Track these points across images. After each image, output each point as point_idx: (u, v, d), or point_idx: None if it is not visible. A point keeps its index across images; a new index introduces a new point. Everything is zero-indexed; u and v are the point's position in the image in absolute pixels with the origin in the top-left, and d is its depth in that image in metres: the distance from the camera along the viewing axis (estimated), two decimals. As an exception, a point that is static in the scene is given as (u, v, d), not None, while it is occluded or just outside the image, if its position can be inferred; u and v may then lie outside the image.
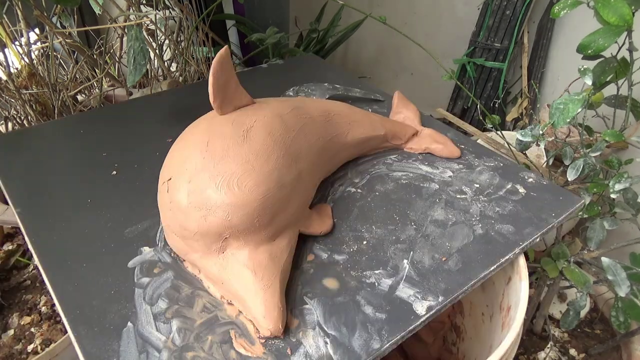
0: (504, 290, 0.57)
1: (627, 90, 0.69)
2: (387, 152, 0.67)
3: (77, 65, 1.06)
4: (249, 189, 0.44)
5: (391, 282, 0.47)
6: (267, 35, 1.17)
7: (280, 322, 0.41)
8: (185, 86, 0.91)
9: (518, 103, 1.44)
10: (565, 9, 0.67)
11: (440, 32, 1.58)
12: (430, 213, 0.56)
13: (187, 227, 0.44)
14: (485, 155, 0.66)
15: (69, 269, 0.48)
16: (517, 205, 0.57)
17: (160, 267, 0.48)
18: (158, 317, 0.43)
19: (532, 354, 0.92)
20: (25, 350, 0.79)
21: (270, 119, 0.51)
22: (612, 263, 0.58)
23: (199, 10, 1.16)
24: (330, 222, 0.53)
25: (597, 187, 0.67)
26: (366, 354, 0.40)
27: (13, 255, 0.95)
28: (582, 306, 0.66)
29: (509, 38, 1.41)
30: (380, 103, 0.80)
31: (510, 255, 0.50)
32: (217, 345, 0.41)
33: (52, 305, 0.87)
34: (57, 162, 0.64)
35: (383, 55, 1.74)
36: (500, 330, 0.55)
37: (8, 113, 0.92)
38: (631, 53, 0.67)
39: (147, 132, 0.71)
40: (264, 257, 0.44)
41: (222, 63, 0.48)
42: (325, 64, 0.96)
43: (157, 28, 1.06)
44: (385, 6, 1.60)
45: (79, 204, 0.56)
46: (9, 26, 0.89)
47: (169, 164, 0.49)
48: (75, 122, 0.74)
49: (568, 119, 0.63)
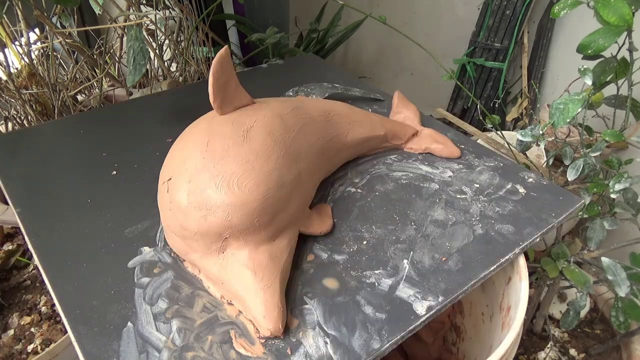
0: (504, 290, 0.57)
1: (627, 90, 0.69)
2: (387, 152, 0.67)
3: (77, 65, 1.06)
4: (249, 189, 0.44)
5: (391, 282, 0.47)
6: (267, 35, 1.17)
7: (280, 322, 0.41)
8: (185, 86, 0.91)
9: (518, 103, 1.44)
10: (565, 9, 0.67)
11: (440, 32, 1.58)
12: (430, 213, 0.56)
13: (187, 227, 0.44)
14: (485, 155, 0.66)
15: (69, 269, 0.48)
16: (517, 205, 0.57)
17: (160, 267, 0.48)
18: (158, 317, 0.43)
19: (532, 354, 0.92)
20: (25, 350, 0.79)
21: (270, 119, 0.51)
22: (612, 263, 0.58)
23: (199, 10, 1.16)
24: (330, 222, 0.53)
25: (597, 187, 0.66)
26: (366, 354, 0.40)
27: (13, 255, 0.95)
28: (582, 306, 0.66)
29: (509, 38, 1.41)
30: (380, 103, 0.80)
31: (510, 255, 0.50)
32: (217, 345, 0.41)
33: (52, 305, 0.87)
34: (57, 162, 0.64)
35: (383, 55, 1.74)
36: (500, 330, 0.55)
37: (8, 113, 0.92)
38: (631, 53, 0.67)
39: (147, 132, 0.71)
40: (264, 257, 0.44)
41: (222, 63, 0.48)
42: (325, 64, 0.96)
43: (157, 28, 1.06)
44: (385, 6, 1.60)
45: (79, 204, 0.56)
46: (9, 26, 0.89)
47: (169, 164, 0.49)
48: (75, 122, 0.74)
49: (568, 119, 0.63)
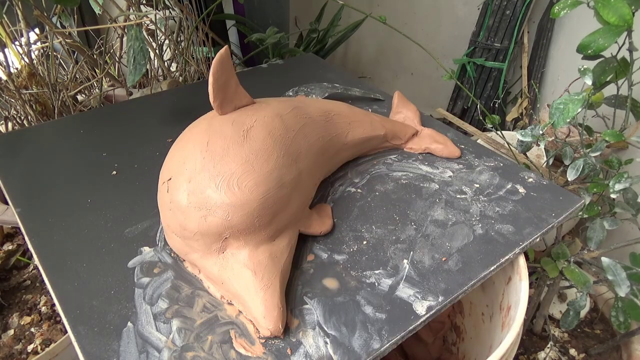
0: (504, 290, 0.57)
1: (627, 90, 0.69)
2: (387, 152, 0.67)
3: (77, 65, 1.06)
4: (248, 189, 0.44)
5: (391, 282, 0.47)
6: (267, 35, 1.17)
7: (280, 322, 0.41)
8: (185, 86, 0.91)
9: (518, 103, 1.44)
10: (565, 9, 0.67)
11: (440, 32, 1.58)
12: (430, 213, 0.56)
13: (187, 227, 0.44)
14: (485, 155, 0.66)
15: (69, 269, 0.48)
16: (517, 205, 0.57)
17: (160, 267, 0.48)
18: (158, 317, 0.43)
19: (532, 354, 0.92)
20: (25, 350, 0.79)
21: (270, 119, 0.51)
22: (612, 263, 0.58)
23: (199, 10, 1.16)
24: (330, 222, 0.53)
25: (597, 187, 0.66)
26: (366, 354, 0.40)
27: (13, 255, 0.95)
28: (582, 306, 0.66)
29: (509, 38, 1.41)
30: (380, 103, 0.80)
31: (510, 255, 0.50)
32: (217, 345, 0.41)
33: (52, 305, 0.87)
34: (57, 162, 0.64)
35: (383, 55, 1.74)
36: (500, 330, 0.55)
37: (8, 113, 0.92)
38: (631, 53, 0.67)
39: (147, 132, 0.71)
40: (264, 257, 0.44)
41: (222, 63, 0.48)
42: (325, 64, 0.96)
43: (157, 28, 1.06)
44: (385, 6, 1.60)
45: (79, 204, 0.56)
46: (9, 26, 0.89)
47: (169, 164, 0.49)
48: (75, 122, 0.74)
49: (568, 119, 0.63)
